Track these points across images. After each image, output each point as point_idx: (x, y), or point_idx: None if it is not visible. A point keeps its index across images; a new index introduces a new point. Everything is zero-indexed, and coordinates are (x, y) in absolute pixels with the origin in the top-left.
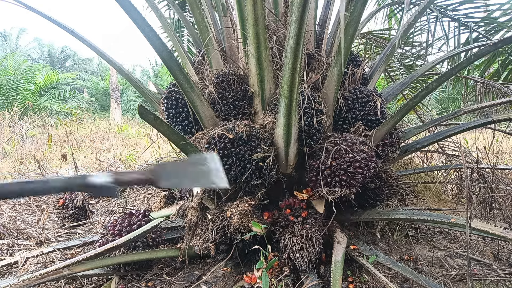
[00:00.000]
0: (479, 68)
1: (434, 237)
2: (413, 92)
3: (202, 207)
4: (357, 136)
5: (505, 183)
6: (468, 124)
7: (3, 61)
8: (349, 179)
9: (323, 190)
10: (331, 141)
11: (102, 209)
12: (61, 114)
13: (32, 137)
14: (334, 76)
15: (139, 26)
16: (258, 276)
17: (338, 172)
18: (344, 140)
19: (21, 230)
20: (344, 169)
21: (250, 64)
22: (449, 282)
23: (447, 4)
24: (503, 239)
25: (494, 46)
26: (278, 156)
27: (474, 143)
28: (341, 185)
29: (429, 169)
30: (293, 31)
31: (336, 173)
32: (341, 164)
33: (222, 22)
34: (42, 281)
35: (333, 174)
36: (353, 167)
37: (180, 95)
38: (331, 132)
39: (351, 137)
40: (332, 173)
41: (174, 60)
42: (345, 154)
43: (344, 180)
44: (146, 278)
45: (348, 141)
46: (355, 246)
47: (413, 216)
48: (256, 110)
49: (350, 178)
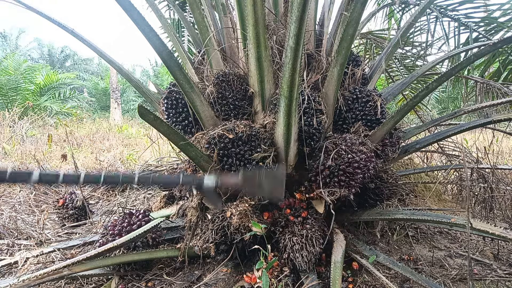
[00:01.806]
0: (479, 68)
1: (434, 237)
2: (413, 92)
3: (202, 207)
4: (356, 137)
5: (505, 183)
6: (468, 124)
7: (3, 61)
8: (348, 179)
9: (322, 191)
10: (330, 141)
11: (102, 209)
12: (61, 114)
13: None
14: (334, 76)
15: (139, 26)
16: (258, 276)
17: (337, 172)
18: (344, 140)
19: (21, 230)
20: (343, 169)
21: (250, 64)
22: (449, 282)
23: (447, 4)
24: (503, 239)
25: (494, 46)
26: (278, 156)
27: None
28: (340, 185)
29: (429, 169)
30: (293, 31)
31: (335, 173)
32: (340, 164)
33: (222, 22)
34: (42, 281)
35: (332, 174)
36: (352, 168)
37: (180, 95)
38: (331, 132)
39: (350, 138)
40: (331, 173)
41: (174, 60)
42: (344, 155)
43: (343, 181)
44: (146, 278)
45: (348, 141)
46: (355, 246)
47: (413, 216)
48: (256, 110)
49: (349, 179)
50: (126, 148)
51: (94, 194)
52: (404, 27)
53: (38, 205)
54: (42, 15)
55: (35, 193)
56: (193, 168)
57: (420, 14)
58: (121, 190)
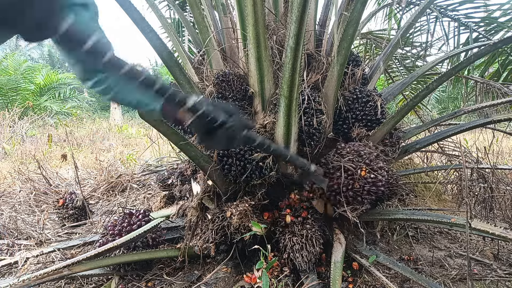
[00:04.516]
0: (479, 68)
1: (434, 237)
2: (413, 92)
3: (202, 207)
4: (371, 149)
5: (505, 183)
6: (468, 124)
7: (3, 61)
8: (370, 196)
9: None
10: (347, 159)
11: (102, 209)
12: (61, 114)
13: (32, 137)
14: (334, 76)
15: (139, 26)
16: (258, 276)
17: (360, 192)
18: (360, 156)
19: (21, 230)
20: (367, 190)
21: (250, 64)
22: (449, 282)
23: (447, 4)
24: (503, 239)
25: (494, 46)
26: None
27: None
28: (362, 202)
29: (429, 169)
30: (293, 31)
31: (358, 193)
32: (364, 185)
33: (222, 22)
34: (42, 281)
35: (355, 194)
36: (375, 187)
37: None
38: (331, 133)
39: (366, 153)
40: (354, 194)
41: (174, 60)
42: (368, 175)
43: (366, 198)
44: (146, 278)
45: (365, 158)
46: (355, 246)
47: (413, 216)
48: (256, 110)
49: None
50: (126, 148)
51: (94, 194)
52: (404, 27)
53: (38, 205)
54: None
55: (35, 193)
56: (193, 168)
57: (420, 14)
58: (121, 190)
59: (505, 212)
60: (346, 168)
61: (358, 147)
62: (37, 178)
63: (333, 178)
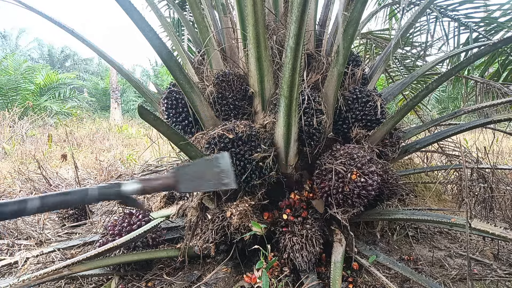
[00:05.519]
0: (479, 68)
1: (434, 237)
2: (413, 92)
3: (202, 207)
4: (364, 153)
5: (505, 183)
6: (468, 124)
7: (3, 61)
8: (361, 200)
9: (336, 211)
10: (339, 162)
11: (102, 209)
12: (61, 114)
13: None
14: (334, 76)
15: (139, 26)
16: (258, 276)
17: (350, 195)
18: (352, 159)
19: (21, 230)
20: (357, 193)
21: (250, 64)
22: (449, 282)
23: (447, 4)
24: (503, 239)
25: (494, 46)
26: (278, 156)
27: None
28: (353, 205)
29: (429, 169)
30: (293, 31)
31: (348, 197)
32: (354, 188)
33: (222, 22)
34: (42, 281)
35: (345, 197)
36: (365, 191)
37: (180, 95)
38: (331, 133)
39: (359, 156)
40: (344, 197)
41: (174, 60)
42: (358, 179)
43: (356, 201)
44: (146, 278)
45: (356, 161)
46: (355, 246)
47: (413, 216)
48: (256, 110)
49: (362, 199)
50: (126, 148)
51: None
52: (404, 27)
53: None
54: (42, 15)
55: (35, 193)
56: None
57: (420, 14)
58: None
59: (505, 212)
60: (337, 171)
61: (352, 150)
62: (37, 178)
63: (325, 180)
